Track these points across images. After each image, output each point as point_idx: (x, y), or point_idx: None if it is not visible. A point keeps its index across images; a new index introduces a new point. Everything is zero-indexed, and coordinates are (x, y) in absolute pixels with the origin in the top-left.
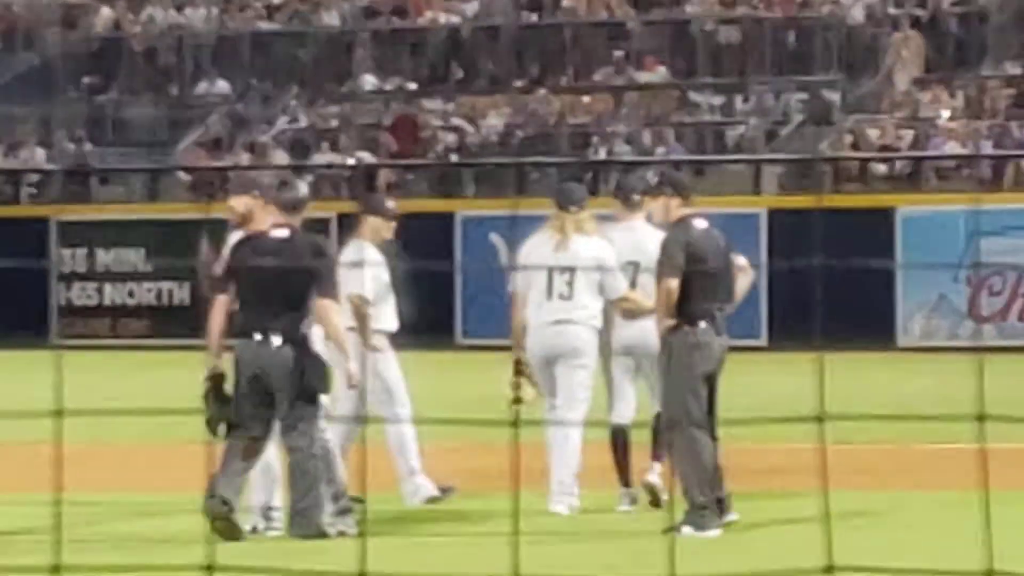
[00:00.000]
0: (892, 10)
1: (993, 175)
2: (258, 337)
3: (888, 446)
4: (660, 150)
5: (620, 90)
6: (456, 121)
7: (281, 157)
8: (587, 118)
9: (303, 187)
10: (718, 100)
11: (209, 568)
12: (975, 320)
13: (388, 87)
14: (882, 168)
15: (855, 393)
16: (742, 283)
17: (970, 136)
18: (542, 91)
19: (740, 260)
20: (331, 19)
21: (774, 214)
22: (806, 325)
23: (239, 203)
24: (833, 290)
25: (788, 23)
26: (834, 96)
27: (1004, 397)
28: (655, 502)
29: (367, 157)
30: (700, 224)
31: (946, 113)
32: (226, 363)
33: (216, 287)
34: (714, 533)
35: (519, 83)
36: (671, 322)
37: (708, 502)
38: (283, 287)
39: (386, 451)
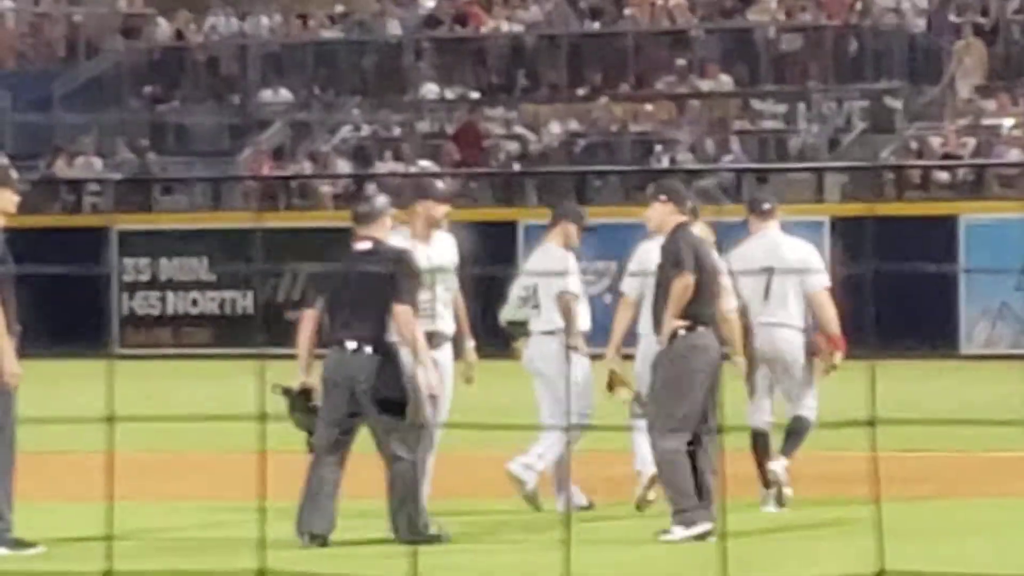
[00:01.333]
0: (954, 18)
1: None
2: (346, 346)
3: (949, 453)
4: (724, 158)
5: (682, 98)
6: (518, 129)
7: (343, 166)
8: (649, 126)
9: (380, 199)
10: (781, 108)
11: (261, 573)
12: None
13: (450, 96)
14: (945, 176)
15: (918, 400)
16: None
17: None
18: (604, 99)
19: (724, 280)
20: (393, 28)
21: (837, 222)
22: (869, 332)
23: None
24: (896, 298)
25: (850, 31)
26: (896, 104)
27: None
28: (778, 498)
29: (430, 166)
30: (697, 231)
31: (1009, 121)
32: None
33: (305, 301)
34: (705, 527)
35: (581, 91)
36: (680, 323)
37: (689, 504)
38: (362, 296)
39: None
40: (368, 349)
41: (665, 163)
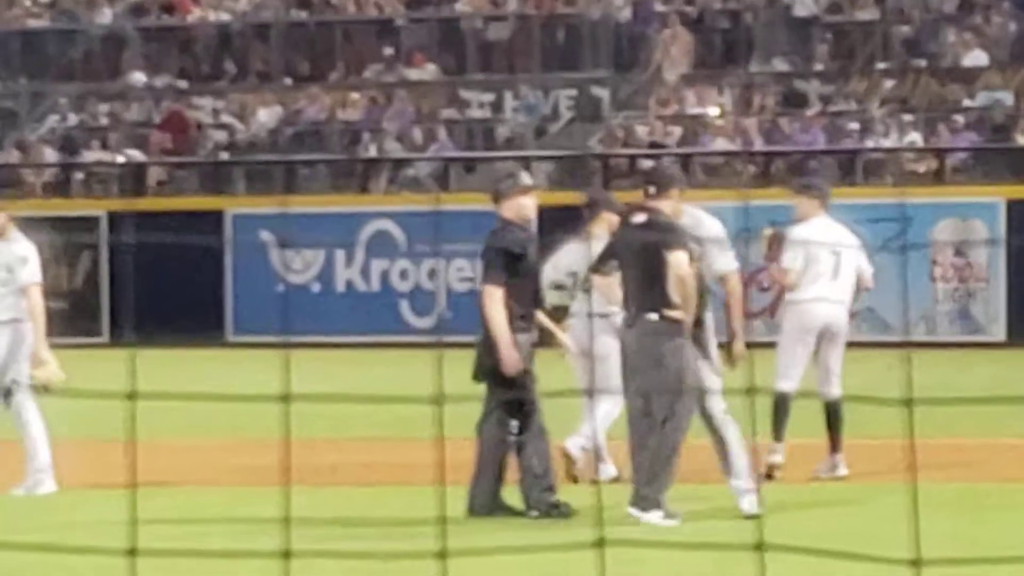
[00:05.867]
0: (660, 7)
1: (762, 171)
2: None
3: None
4: (431, 147)
5: (390, 87)
6: (226, 118)
7: (51, 155)
8: (357, 115)
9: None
10: (488, 97)
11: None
12: (745, 316)
13: (158, 84)
14: (651, 164)
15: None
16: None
17: (739, 132)
18: (312, 88)
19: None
20: (101, 17)
21: (544, 211)
22: None
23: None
24: None
25: (557, 20)
26: (603, 93)
27: None
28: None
29: (137, 155)
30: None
31: (714, 110)
32: None
33: None
34: None
35: (289, 80)
36: None
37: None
38: None
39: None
40: None
41: (373, 152)
